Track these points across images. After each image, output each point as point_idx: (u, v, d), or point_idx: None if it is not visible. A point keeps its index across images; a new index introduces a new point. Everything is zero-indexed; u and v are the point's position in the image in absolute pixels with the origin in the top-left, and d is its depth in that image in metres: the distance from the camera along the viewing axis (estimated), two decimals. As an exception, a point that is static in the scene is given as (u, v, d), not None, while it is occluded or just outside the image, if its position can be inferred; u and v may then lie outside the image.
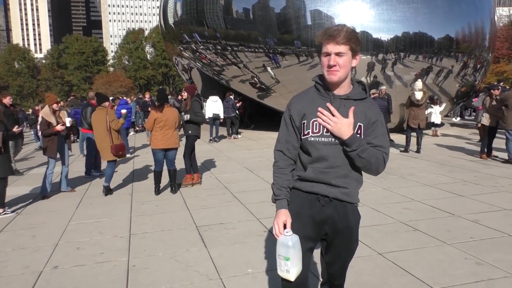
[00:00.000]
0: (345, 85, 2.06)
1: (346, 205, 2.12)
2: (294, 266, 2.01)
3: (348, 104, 2.03)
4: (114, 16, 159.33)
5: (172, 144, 6.91)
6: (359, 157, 1.99)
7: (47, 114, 7.06)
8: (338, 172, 2.06)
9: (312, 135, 2.03)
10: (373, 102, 2.15)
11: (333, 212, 2.11)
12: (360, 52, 2.07)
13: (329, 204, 2.10)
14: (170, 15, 18.07)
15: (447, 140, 12.79)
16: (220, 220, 5.36)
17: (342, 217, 2.12)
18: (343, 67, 1.97)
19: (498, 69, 38.06)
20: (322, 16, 13.41)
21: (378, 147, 2.05)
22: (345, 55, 1.97)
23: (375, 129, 2.06)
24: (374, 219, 5.23)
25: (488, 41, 15.49)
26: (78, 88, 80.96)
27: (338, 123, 1.96)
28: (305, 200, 2.13)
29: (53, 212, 6.14)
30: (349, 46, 1.97)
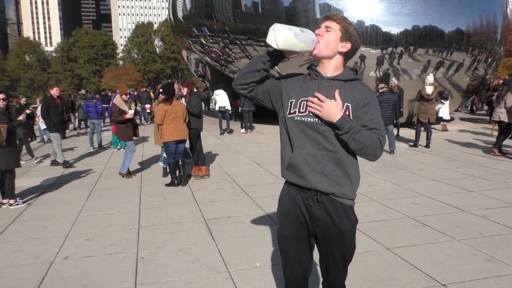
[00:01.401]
0: (334, 67, 2.03)
1: (337, 206, 2.01)
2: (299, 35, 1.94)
3: (336, 85, 1.99)
4: (124, 10, 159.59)
5: (184, 135, 7.06)
6: (353, 140, 1.91)
7: (120, 103, 7.79)
8: (326, 156, 1.97)
9: (298, 114, 2.00)
10: (364, 84, 2.07)
11: (323, 213, 2.02)
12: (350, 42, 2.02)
13: (318, 205, 2.01)
14: (179, 9, 18.06)
15: (457, 135, 12.67)
16: (228, 214, 5.39)
17: (334, 220, 2.01)
18: (327, 42, 1.98)
19: (510, 63, 37.51)
20: (331, 9, 13.28)
21: (373, 130, 1.96)
22: (332, 31, 1.99)
23: (368, 111, 1.98)
24: (382, 214, 5.22)
25: (500, 34, 15.26)
26: (88, 82, 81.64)
27: (325, 107, 1.90)
28: (295, 198, 2.07)
29: (63, 203, 6.21)
30: (339, 26, 1.99)
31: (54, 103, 9.23)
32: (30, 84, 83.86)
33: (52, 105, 9.12)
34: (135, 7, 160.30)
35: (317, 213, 2.02)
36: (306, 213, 2.05)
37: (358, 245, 2.30)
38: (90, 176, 8.17)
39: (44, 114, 9.15)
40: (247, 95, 2.13)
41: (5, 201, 6.04)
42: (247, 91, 2.10)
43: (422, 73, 13.62)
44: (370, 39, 12.95)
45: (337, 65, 2.04)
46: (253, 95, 2.12)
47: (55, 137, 9.23)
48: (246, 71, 2.09)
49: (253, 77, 2.06)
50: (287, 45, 1.92)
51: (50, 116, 9.02)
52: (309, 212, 2.04)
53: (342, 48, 2.01)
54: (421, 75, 13.58)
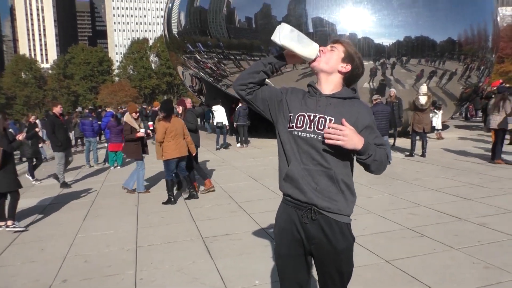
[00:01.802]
0: (332, 85, 2.08)
1: (332, 224, 2.02)
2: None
3: (334, 102, 2.03)
4: (119, 26, 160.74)
5: (184, 152, 7.15)
6: (374, 161, 1.95)
7: (130, 121, 7.91)
8: (321, 172, 2.00)
9: (296, 129, 2.04)
10: (362, 103, 2.11)
11: (319, 232, 2.03)
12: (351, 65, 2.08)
13: (313, 223, 2.02)
14: (174, 25, 18.23)
15: (452, 143, 12.74)
16: (226, 231, 5.38)
17: (330, 239, 2.02)
18: (328, 59, 2.05)
19: (503, 69, 37.93)
20: (324, 23, 13.46)
21: (380, 146, 2.02)
22: (336, 50, 2.07)
23: (371, 131, 2.03)
24: (380, 226, 5.23)
25: (491, 42, 15.48)
26: (84, 98, 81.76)
27: (349, 135, 1.87)
28: (291, 216, 2.09)
29: (61, 224, 6.19)
30: (344, 48, 2.07)
31: (59, 122, 9.08)
32: (26, 102, 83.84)
33: (57, 124, 8.94)
34: (131, 23, 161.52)
35: (312, 231, 2.04)
36: (301, 231, 2.06)
37: (357, 259, 2.31)
38: (87, 195, 8.15)
39: (50, 133, 8.92)
40: (246, 98, 2.15)
41: (2, 224, 6.00)
42: (246, 93, 2.13)
43: (415, 82, 13.75)
44: (363, 51, 13.08)
45: (336, 83, 2.09)
46: (252, 100, 2.15)
47: (60, 157, 9.06)
48: (247, 72, 2.14)
49: (252, 78, 2.11)
50: (288, 43, 2.00)
51: (56, 135, 8.86)
52: (304, 230, 2.05)
53: (342, 68, 2.07)
54: (414, 85, 13.71)
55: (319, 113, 2.01)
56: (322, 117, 2.00)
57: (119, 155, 11.67)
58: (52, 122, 8.96)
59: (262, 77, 2.12)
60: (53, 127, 8.87)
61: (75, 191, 8.68)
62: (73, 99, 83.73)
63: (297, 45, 2.01)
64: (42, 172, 11.81)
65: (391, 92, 12.10)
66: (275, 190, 7.44)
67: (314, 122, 2.01)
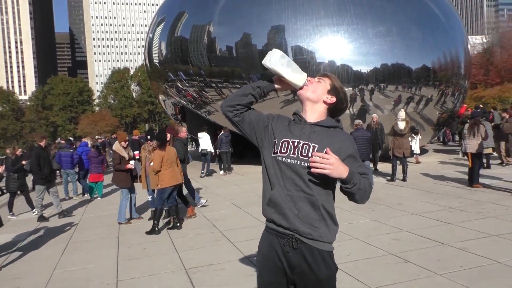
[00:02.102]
0: (317, 114, 2.14)
1: (315, 253, 2.02)
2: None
3: (318, 130, 2.07)
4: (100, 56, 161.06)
5: (179, 179, 7.24)
6: (359, 190, 1.97)
7: (119, 150, 7.95)
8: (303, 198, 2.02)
9: (280, 155, 2.07)
10: (344, 133, 2.16)
11: (301, 261, 2.03)
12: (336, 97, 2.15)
13: (295, 252, 2.02)
14: (155, 55, 18.35)
15: (431, 167, 12.97)
16: (209, 261, 5.28)
17: (312, 268, 2.02)
18: (315, 89, 2.13)
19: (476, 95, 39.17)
20: (303, 51, 13.77)
21: (363, 175, 2.04)
22: (322, 82, 2.15)
23: (354, 160, 2.07)
24: (364, 252, 5.22)
25: (463, 68, 16.05)
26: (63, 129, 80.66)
27: (334, 163, 1.90)
28: (273, 245, 2.09)
29: (38, 260, 5.97)
30: (330, 81, 2.15)
31: (44, 154, 8.96)
32: (3, 134, 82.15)
33: (42, 156, 8.79)
34: (111, 53, 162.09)
35: (294, 260, 2.03)
36: (284, 260, 2.06)
37: (342, 286, 2.30)
38: (65, 229, 7.92)
39: (35, 166, 8.70)
40: (233, 120, 2.19)
41: None
42: (233, 115, 2.17)
43: (394, 108, 14.08)
44: (342, 78, 13.37)
45: (320, 112, 2.14)
46: (239, 122, 2.18)
47: (41, 190, 8.86)
48: (235, 94, 2.20)
49: (240, 100, 2.15)
50: (278, 67, 2.08)
51: (41, 168, 8.69)
52: (286, 259, 2.05)
53: (327, 99, 2.14)
54: (393, 110, 14.03)
55: (303, 139, 2.05)
56: (306, 143, 2.04)
57: (99, 185, 11.48)
58: (38, 154, 8.77)
59: (250, 99, 2.17)
60: (39, 160, 8.70)
61: (53, 223, 8.44)
62: (51, 130, 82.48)
63: (286, 70, 2.09)
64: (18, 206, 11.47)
65: (374, 118, 12.37)
66: (259, 218, 7.38)
67: (298, 148, 2.04)
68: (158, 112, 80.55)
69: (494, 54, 49.85)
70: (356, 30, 13.69)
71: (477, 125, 9.22)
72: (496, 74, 44.80)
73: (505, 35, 51.61)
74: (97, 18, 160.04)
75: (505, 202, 7.59)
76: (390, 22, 14.00)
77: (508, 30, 53.25)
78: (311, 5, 13.86)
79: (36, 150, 8.94)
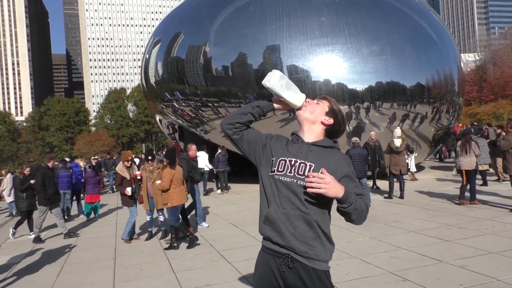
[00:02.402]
0: (315, 134, 2.18)
1: (311, 273, 2.03)
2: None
3: (315, 150, 2.11)
4: (96, 77, 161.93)
5: (186, 198, 7.38)
6: (355, 210, 1.99)
7: (121, 170, 7.96)
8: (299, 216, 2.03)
9: (277, 173, 2.10)
10: (341, 154, 2.19)
11: (297, 281, 2.04)
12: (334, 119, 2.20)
13: (291, 271, 2.03)
14: (152, 75, 18.48)
15: (428, 184, 12.98)
16: (207, 282, 5.22)
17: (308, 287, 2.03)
18: (313, 110, 2.17)
19: (471, 111, 39.56)
20: (299, 70, 13.93)
21: (359, 196, 2.07)
22: (321, 104, 2.20)
23: (350, 180, 2.09)
24: (363, 271, 5.18)
25: (457, 86, 16.25)
26: (60, 149, 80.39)
27: (330, 182, 1.92)
28: (269, 264, 2.10)
29: (33, 283, 5.88)
30: (328, 104, 2.20)
31: (50, 174, 8.91)
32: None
33: (48, 176, 8.73)
34: (108, 74, 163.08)
35: (291, 279, 2.04)
36: (280, 280, 2.07)
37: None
38: (61, 250, 7.82)
39: (39, 185, 8.64)
40: (232, 137, 2.23)
41: None
42: (232, 132, 2.21)
43: (389, 125, 14.18)
44: (337, 96, 13.49)
45: (318, 133, 2.18)
46: (238, 140, 2.22)
47: (43, 211, 8.77)
48: (235, 112, 2.24)
49: (240, 118, 2.20)
50: (278, 88, 2.13)
51: (45, 188, 8.63)
52: (283, 278, 2.06)
53: (325, 120, 2.18)
54: (388, 127, 14.12)
55: (300, 158, 2.09)
56: (303, 162, 2.07)
57: (96, 206, 11.41)
58: (44, 174, 8.71)
59: (249, 118, 2.22)
60: (44, 179, 8.65)
61: (48, 245, 8.34)
62: (48, 150, 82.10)
63: (285, 91, 2.15)
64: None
65: (372, 135, 12.44)
66: (256, 237, 7.33)
67: (295, 167, 2.07)
68: (155, 132, 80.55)
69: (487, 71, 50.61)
70: (350, 49, 13.88)
71: (469, 142, 9.22)
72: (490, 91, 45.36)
73: (497, 53, 52.51)
74: (94, 40, 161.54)
75: (503, 218, 7.58)
76: (384, 41, 14.22)
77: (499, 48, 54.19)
78: (305, 25, 14.08)
79: (42, 169, 8.87)
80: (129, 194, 7.90)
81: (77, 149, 69.82)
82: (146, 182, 7.86)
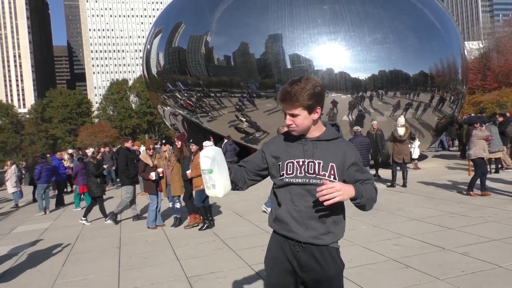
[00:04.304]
0: (315, 129, 2.15)
1: (323, 250, 2.10)
2: (220, 179, 2.00)
3: (320, 145, 2.11)
4: (98, 68, 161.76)
5: None
6: (367, 200, 2.07)
7: (144, 157, 8.21)
8: (312, 213, 2.08)
9: (287, 176, 2.12)
10: (346, 142, 2.20)
11: (310, 259, 2.09)
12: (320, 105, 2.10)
13: (304, 251, 2.09)
14: (153, 65, 18.43)
15: (431, 173, 12.98)
16: (211, 269, 5.27)
17: (321, 265, 2.09)
18: (300, 125, 2.09)
19: (474, 100, 39.34)
20: (301, 59, 13.87)
21: (366, 181, 2.12)
22: (300, 115, 2.06)
23: (358, 168, 2.13)
24: (366, 258, 5.21)
25: (461, 74, 16.14)
26: (63, 141, 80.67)
27: (341, 189, 1.95)
28: (282, 246, 2.15)
29: (38, 272, 5.95)
30: (301, 107, 2.04)
31: (131, 155, 9.31)
32: (3, 147, 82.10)
33: (129, 157, 9.12)
34: (109, 65, 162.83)
35: (304, 259, 2.09)
36: (293, 260, 2.12)
37: (343, 294, 2.30)
38: (66, 239, 7.90)
39: (123, 166, 9.08)
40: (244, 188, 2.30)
41: None
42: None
43: (392, 113, 14.13)
44: (340, 85, 13.46)
45: (317, 127, 2.16)
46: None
47: (130, 191, 9.04)
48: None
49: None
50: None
51: (128, 168, 9.01)
52: (296, 258, 2.11)
53: (315, 115, 2.10)
54: (391, 115, 14.08)
55: (308, 158, 2.10)
56: (311, 161, 2.09)
57: (86, 196, 11.66)
58: (126, 155, 9.12)
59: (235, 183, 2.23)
60: (126, 159, 9.02)
61: (53, 235, 8.41)
62: (51, 142, 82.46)
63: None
64: (19, 218, 11.45)
65: (374, 124, 12.40)
66: (260, 225, 7.38)
67: (304, 167, 2.09)
68: (158, 123, 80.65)
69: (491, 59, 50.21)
70: (353, 37, 13.79)
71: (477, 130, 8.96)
72: (494, 79, 45.07)
73: (501, 40, 51.98)
74: (95, 31, 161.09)
75: (506, 206, 7.59)
76: (386, 29, 14.11)
77: (503, 35, 53.60)
78: (308, 13, 13.98)
79: (123, 151, 9.29)
80: (153, 178, 8.01)
81: (80, 141, 69.97)
82: (165, 170, 8.00)
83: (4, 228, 9.80)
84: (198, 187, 7.45)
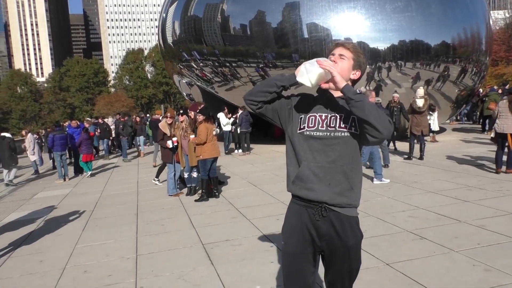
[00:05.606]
0: None
1: (343, 220, 2.09)
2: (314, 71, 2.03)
3: (343, 103, 2.07)
4: (114, 38, 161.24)
5: (218, 152, 7.67)
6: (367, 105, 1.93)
7: (163, 126, 8.47)
8: (334, 168, 2.06)
9: (308, 129, 2.10)
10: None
11: (329, 228, 2.09)
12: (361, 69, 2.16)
13: (324, 220, 2.08)
14: (169, 35, 18.28)
15: (449, 146, 12.78)
16: (226, 237, 5.36)
17: (340, 235, 2.09)
18: (341, 68, 2.08)
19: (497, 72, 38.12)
20: (319, 28, 13.54)
21: None
22: (346, 59, 2.12)
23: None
24: (380, 229, 5.22)
25: (484, 45, 15.57)
26: (80, 110, 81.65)
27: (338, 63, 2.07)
28: (301, 215, 2.14)
29: (59, 236, 6.15)
30: (353, 55, 2.13)
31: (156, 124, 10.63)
32: (22, 116, 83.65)
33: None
34: (125, 34, 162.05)
35: (323, 228, 2.09)
36: (313, 229, 2.11)
37: (357, 263, 2.32)
38: (85, 206, 8.11)
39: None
40: (256, 111, 2.23)
41: None
42: (256, 107, 2.20)
43: (412, 85, 13.82)
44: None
45: None
46: (262, 112, 2.22)
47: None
48: (259, 89, 2.19)
49: (264, 97, 2.16)
50: (319, 80, 2.05)
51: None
52: (316, 227, 2.10)
53: (353, 75, 2.15)
54: (411, 87, 13.78)
55: (330, 112, 2.10)
56: (333, 115, 2.08)
57: (89, 164, 12.43)
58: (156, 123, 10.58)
59: (274, 96, 2.19)
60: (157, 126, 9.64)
61: (73, 201, 8.65)
62: (69, 111, 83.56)
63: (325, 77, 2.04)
64: (39, 184, 11.77)
65: (395, 97, 12.13)
66: (275, 195, 7.43)
67: (326, 121, 2.08)
68: (173, 93, 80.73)
69: (517, 30, 48.17)
70: (373, 5, 13.35)
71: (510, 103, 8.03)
72: (519, 51, 43.38)
73: (528, 10, 49.76)
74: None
75: (525, 180, 7.46)
76: (409, -4, 13.60)
77: (532, 5, 51.26)
78: (326, -20, 13.54)
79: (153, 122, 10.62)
80: (170, 146, 8.16)
81: (97, 110, 70.73)
82: (181, 140, 8.08)
83: (26, 194, 10.11)
84: (199, 157, 7.49)
